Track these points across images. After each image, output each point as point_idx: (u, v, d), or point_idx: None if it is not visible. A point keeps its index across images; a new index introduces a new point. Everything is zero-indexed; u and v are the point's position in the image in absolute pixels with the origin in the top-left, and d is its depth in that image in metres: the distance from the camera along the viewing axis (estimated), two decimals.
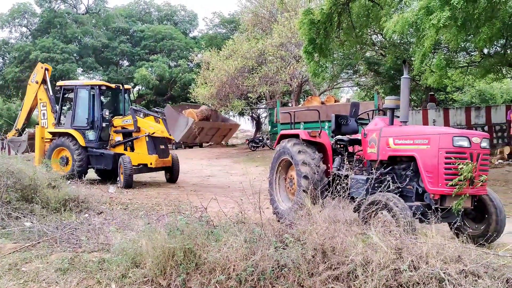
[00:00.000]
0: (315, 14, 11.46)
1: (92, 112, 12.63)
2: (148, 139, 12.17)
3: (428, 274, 3.33)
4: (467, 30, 8.84)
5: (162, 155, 12.37)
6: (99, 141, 12.55)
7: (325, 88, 29.54)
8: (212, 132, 12.38)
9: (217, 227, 4.53)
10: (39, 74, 13.90)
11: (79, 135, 12.39)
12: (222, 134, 12.92)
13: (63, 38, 31.94)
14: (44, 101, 13.76)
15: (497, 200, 5.49)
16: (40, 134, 13.24)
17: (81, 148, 12.25)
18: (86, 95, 12.73)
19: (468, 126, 17.74)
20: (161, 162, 12.24)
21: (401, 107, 5.96)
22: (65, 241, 5.41)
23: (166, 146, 12.84)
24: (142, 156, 12.19)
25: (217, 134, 12.70)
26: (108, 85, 13.24)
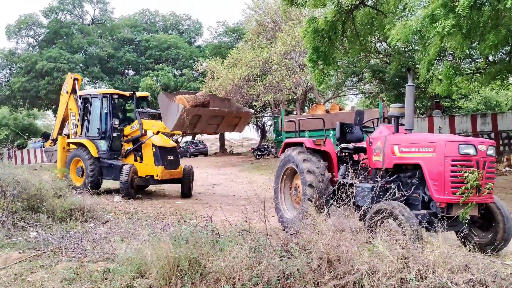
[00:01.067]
0: (319, 23, 11.50)
1: (103, 121, 12.31)
2: (155, 149, 11.66)
3: (435, 284, 3.30)
4: (472, 38, 8.84)
5: (169, 167, 11.71)
6: (110, 152, 12.15)
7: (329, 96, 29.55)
8: (216, 121, 10.51)
9: (222, 236, 4.51)
10: (69, 84, 13.85)
11: (92, 146, 12.07)
12: (230, 123, 10.98)
13: (69, 48, 32.21)
14: (73, 111, 13.67)
15: (504, 208, 5.45)
16: (61, 145, 13.26)
17: (93, 159, 11.91)
18: (98, 104, 12.47)
19: (474, 133, 17.65)
20: (168, 173, 11.60)
21: (406, 115, 5.94)
22: (70, 250, 5.41)
23: (176, 156, 12.22)
24: (149, 168, 11.70)
25: (223, 123, 10.73)
26: (121, 93, 12.90)
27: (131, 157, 12.18)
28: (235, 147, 45.19)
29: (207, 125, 10.35)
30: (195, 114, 9.65)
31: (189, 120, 9.50)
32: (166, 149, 11.83)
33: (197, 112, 9.76)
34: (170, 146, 12.04)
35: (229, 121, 10.85)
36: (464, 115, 19.92)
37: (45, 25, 33.65)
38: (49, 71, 29.39)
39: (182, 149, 35.34)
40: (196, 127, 10.12)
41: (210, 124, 10.45)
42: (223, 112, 10.65)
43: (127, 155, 12.17)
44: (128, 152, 12.16)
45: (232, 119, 10.88)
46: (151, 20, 40.78)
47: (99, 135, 12.22)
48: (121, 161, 11.96)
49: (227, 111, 10.83)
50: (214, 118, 10.36)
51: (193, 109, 9.59)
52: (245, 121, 11.29)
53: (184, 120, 9.41)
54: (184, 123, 9.51)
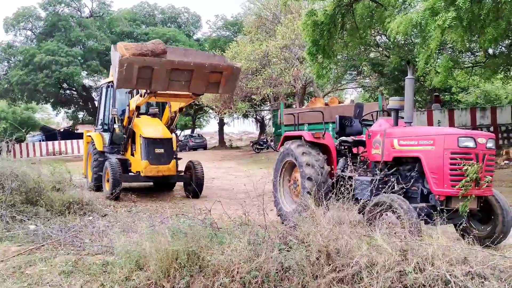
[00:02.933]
0: (318, 16, 11.44)
1: (106, 112, 11.31)
2: (142, 141, 10.04)
3: (434, 276, 3.30)
4: (472, 31, 8.80)
5: (155, 161, 9.94)
6: (110, 145, 11.04)
7: (329, 89, 29.50)
8: (183, 76, 8.19)
9: (220, 229, 4.51)
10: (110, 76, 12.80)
11: (99, 138, 11.15)
12: (206, 80, 8.52)
13: (68, 41, 32.06)
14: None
15: (503, 201, 5.45)
16: (86, 139, 12.30)
17: (98, 153, 10.93)
18: (104, 93, 11.59)
19: (473, 127, 17.64)
20: (154, 169, 9.87)
21: (405, 108, 5.93)
22: (69, 243, 5.42)
23: (168, 150, 10.30)
24: (137, 162, 10.23)
25: (196, 80, 8.36)
26: None
27: (129, 151, 10.89)
28: (234, 140, 45.23)
29: (169, 81, 8.22)
30: (143, 66, 7.78)
31: (136, 74, 7.77)
32: (155, 141, 10.12)
33: (145, 63, 7.83)
34: (161, 137, 10.28)
35: (204, 77, 8.52)
36: (463, 109, 19.91)
37: (43, 18, 33.46)
38: (48, 64, 29.24)
39: (181, 142, 35.33)
40: (153, 84, 8.11)
41: (175, 81, 8.29)
42: (188, 65, 8.24)
43: (126, 148, 10.88)
44: (125, 145, 10.84)
45: (208, 74, 8.52)
46: (150, 13, 40.58)
47: (102, 127, 11.42)
48: (119, 156, 10.73)
49: (194, 63, 8.34)
50: (177, 72, 8.19)
51: (136, 59, 7.76)
52: (230, 78, 8.81)
53: (127, 73, 7.69)
54: (130, 77, 7.78)
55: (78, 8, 35.73)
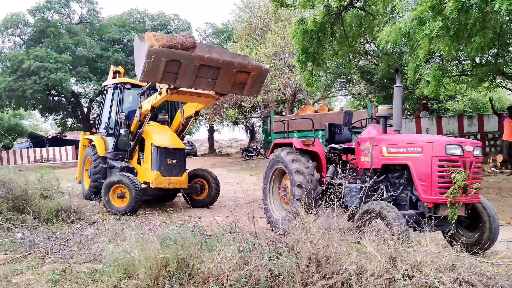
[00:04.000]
0: (308, 24, 11.54)
1: (111, 115, 10.67)
2: (153, 150, 9.53)
3: (423, 283, 3.32)
4: (459, 40, 8.92)
5: (168, 173, 9.45)
6: (114, 151, 10.33)
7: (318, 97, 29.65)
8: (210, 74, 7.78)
9: (210, 236, 4.50)
10: (110, 78, 12.26)
11: (101, 143, 10.48)
12: (233, 79, 8.10)
13: (56, 47, 31.86)
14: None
15: (491, 208, 5.50)
16: (82, 142, 11.76)
17: (99, 159, 10.31)
18: (110, 95, 10.86)
19: (461, 134, 17.83)
20: (165, 181, 9.34)
21: (394, 116, 5.98)
22: (56, 252, 5.36)
23: (180, 161, 9.81)
24: (146, 172, 9.64)
25: (222, 79, 7.91)
26: (136, 83, 10.79)
27: (135, 159, 10.25)
28: (224, 147, 45.15)
29: (196, 78, 7.78)
30: (171, 59, 7.37)
31: (163, 67, 7.36)
32: (168, 151, 9.62)
33: (174, 56, 7.40)
34: (175, 147, 9.79)
35: (231, 77, 8.13)
36: (451, 117, 20.14)
37: (32, 24, 33.27)
38: (36, 70, 29.02)
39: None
40: (178, 79, 7.66)
41: (201, 78, 7.86)
42: (217, 61, 7.84)
43: (132, 156, 10.22)
44: (131, 152, 10.17)
45: (236, 74, 8.14)
46: (140, 19, 40.49)
47: (106, 131, 10.67)
48: (124, 163, 10.07)
49: (223, 60, 7.97)
50: (205, 69, 7.77)
51: (164, 51, 7.34)
52: (257, 79, 8.45)
53: (154, 66, 7.26)
54: (156, 70, 7.34)
55: (67, 15, 35.57)
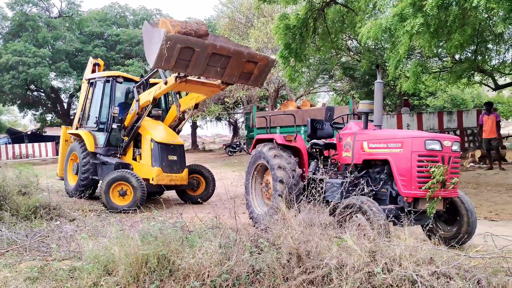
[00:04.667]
0: (290, 19, 11.56)
1: (103, 110, 10.30)
2: (154, 146, 9.40)
3: (401, 276, 3.36)
4: (439, 37, 9.04)
5: (169, 169, 9.37)
6: (106, 146, 10.04)
7: (301, 93, 29.75)
8: (220, 62, 7.67)
9: (191, 232, 4.48)
10: (88, 70, 11.95)
11: (90, 138, 10.12)
12: (241, 69, 8.09)
13: (35, 42, 31.27)
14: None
15: (468, 202, 5.60)
16: (63, 137, 11.39)
17: (88, 154, 9.98)
18: (101, 89, 10.47)
19: (440, 130, 18.11)
20: (166, 178, 9.25)
21: (374, 111, 6.02)
22: (35, 249, 5.28)
23: (181, 158, 9.73)
24: (146, 169, 9.45)
25: (231, 67, 7.89)
26: (128, 76, 10.73)
27: (129, 154, 10.04)
28: (207, 143, 45.01)
29: (207, 66, 7.71)
30: (186, 46, 7.26)
31: (177, 54, 7.25)
32: (168, 147, 9.50)
33: (189, 43, 7.30)
34: (175, 143, 9.69)
35: (240, 66, 8.11)
36: (431, 113, 20.42)
37: (10, 17, 32.58)
38: (14, 65, 28.43)
39: None
40: (189, 67, 7.56)
41: (212, 66, 7.79)
42: (229, 50, 7.85)
43: (125, 151, 10.00)
44: (125, 147, 9.94)
45: (245, 64, 8.13)
46: (121, 14, 39.99)
47: (97, 125, 10.27)
48: (118, 159, 9.83)
49: (234, 49, 8.00)
50: (216, 57, 7.71)
51: (180, 38, 7.26)
52: (263, 69, 8.49)
53: (169, 52, 7.14)
54: (170, 57, 7.20)
55: (46, 8, 34.90)
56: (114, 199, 8.95)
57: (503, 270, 3.60)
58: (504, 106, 29.62)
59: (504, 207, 8.53)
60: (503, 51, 13.76)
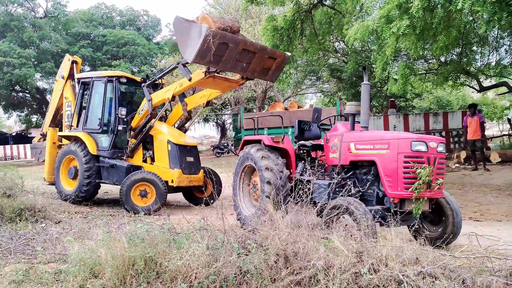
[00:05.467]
0: (278, 21, 11.58)
1: (107, 111, 10.04)
2: (171, 147, 9.35)
3: (388, 277, 3.38)
4: (425, 39, 9.13)
5: (188, 170, 9.37)
6: (112, 149, 9.89)
7: (289, 94, 29.83)
8: (246, 58, 7.86)
9: (179, 234, 4.46)
10: (66, 68, 11.46)
11: (91, 140, 9.88)
12: (262, 64, 8.29)
13: (20, 42, 30.93)
14: (69, 100, 11.25)
15: (454, 203, 5.67)
16: (51, 139, 10.94)
17: (91, 157, 9.76)
18: (101, 89, 10.18)
19: (426, 131, 18.29)
20: (186, 179, 9.23)
21: (361, 113, 6.05)
22: (19, 252, 5.22)
23: (196, 158, 9.79)
24: (163, 171, 9.34)
25: (255, 63, 8.10)
26: (131, 77, 10.59)
27: (138, 156, 9.90)
28: None
29: (235, 61, 7.86)
30: (222, 41, 7.37)
31: (214, 49, 7.29)
32: (185, 148, 9.53)
33: (225, 39, 7.41)
34: (190, 144, 9.77)
35: (262, 62, 8.31)
36: (418, 114, 20.61)
37: None
38: None
39: None
40: (222, 62, 7.67)
41: (239, 62, 7.94)
42: (256, 46, 8.13)
43: (133, 154, 9.92)
44: (134, 149, 9.88)
45: (266, 59, 8.36)
46: (108, 14, 39.73)
47: (100, 127, 9.99)
48: (128, 162, 9.77)
49: (260, 46, 8.36)
50: (245, 53, 7.88)
51: (220, 33, 7.34)
52: (280, 65, 8.76)
53: (209, 47, 7.20)
54: (209, 52, 7.26)
55: (31, 8, 34.51)
56: (135, 200, 8.94)
57: (488, 269, 3.64)
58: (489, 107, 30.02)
59: (489, 208, 8.66)
60: (487, 53, 13.94)
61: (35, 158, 12.47)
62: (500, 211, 8.37)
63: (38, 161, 12.21)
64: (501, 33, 12.34)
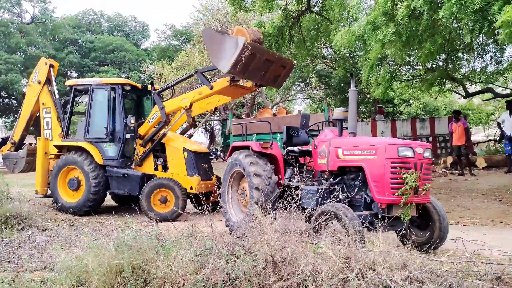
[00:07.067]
0: (266, 27, 11.66)
1: (112, 119, 9.82)
2: (188, 155, 9.36)
3: (375, 282, 3.40)
4: (411, 45, 9.25)
5: (205, 177, 9.45)
6: (121, 158, 9.70)
7: (278, 100, 29.91)
8: (264, 67, 8.16)
9: (167, 241, 4.44)
10: (42, 72, 10.97)
11: (95, 150, 9.69)
12: (274, 73, 8.60)
13: (7, 48, 30.68)
14: (48, 106, 10.79)
15: (440, 207, 5.72)
16: (42, 149, 10.25)
17: (98, 168, 9.58)
18: (104, 97, 9.93)
19: (413, 137, 18.44)
20: (204, 186, 9.21)
21: (349, 119, 6.10)
22: (5, 260, 5.15)
23: (210, 164, 9.90)
24: (179, 178, 9.23)
25: (270, 72, 8.41)
26: (134, 84, 10.35)
27: (149, 165, 9.74)
28: None
29: (256, 71, 8.14)
30: (252, 53, 7.60)
31: (245, 60, 7.56)
32: (200, 155, 9.63)
33: (257, 50, 7.67)
34: (204, 151, 10.00)
35: (275, 70, 8.61)
36: (405, 120, 20.78)
37: None
38: None
39: None
40: (247, 72, 7.90)
41: (259, 71, 8.22)
42: (275, 56, 8.53)
43: (142, 162, 9.77)
44: (144, 158, 9.74)
45: (278, 67, 8.66)
46: (96, 20, 39.64)
47: (107, 136, 9.74)
48: (138, 170, 9.67)
49: (277, 55, 8.76)
50: (265, 62, 8.18)
51: (253, 45, 7.60)
52: (287, 73, 9.14)
53: (243, 58, 7.47)
54: (240, 63, 7.52)
55: (18, 14, 34.28)
56: (156, 207, 8.96)
57: (474, 274, 3.68)
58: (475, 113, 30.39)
59: (475, 212, 8.75)
60: (473, 60, 14.15)
61: (9, 169, 11.53)
62: (486, 215, 8.46)
63: (13, 172, 11.46)
64: (486, 40, 12.54)
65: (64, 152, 10.05)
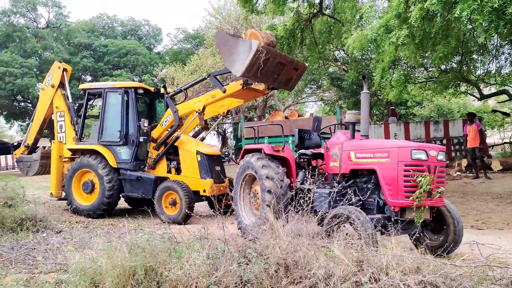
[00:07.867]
0: (278, 30, 11.67)
1: (126, 122, 9.89)
2: (201, 158, 9.43)
3: (388, 286, 3.38)
4: (424, 48, 9.18)
5: (218, 180, 9.47)
6: (134, 161, 9.79)
7: (289, 103, 29.89)
8: (277, 70, 8.16)
9: (179, 243, 4.46)
10: (56, 76, 11.18)
11: (109, 153, 9.79)
12: (287, 75, 8.59)
13: (23, 52, 31.13)
14: (61, 110, 10.98)
15: (455, 211, 5.66)
16: (57, 152, 10.43)
17: (112, 171, 9.69)
18: (118, 100, 10.02)
19: (427, 139, 18.28)
20: (217, 189, 9.26)
21: (361, 121, 6.07)
22: (20, 262, 5.22)
23: (222, 167, 9.92)
24: (192, 181, 9.33)
25: (282, 75, 8.40)
26: (147, 87, 10.41)
27: (162, 167, 9.83)
28: None
29: (269, 74, 8.15)
30: (266, 57, 7.62)
31: (259, 63, 7.56)
32: (213, 158, 9.69)
33: (270, 53, 7.69)
34: (217, 154, 10.04)
35: (287, 73, 8.60)
36: (418, 122, 20.62)
37: None
38: (1, 75, 28.24)
39: None
40: (261, 75, 7.87)
41: (271, 74, 8.22)
42: (287, 59, 8.48)
43: (155, 165, 9.87)
44: (157, 161, 9.84)
45: (291, 70, 8.65)
46: (109, 25, 40.02)
47: (120, 139, 9.82)
48: (152, 173, 9.75)
49: (290, 58, 8.70)
50: (278, 65, 8.19)
51: (267, 49, 7.60)
52: (300, 75, 9.08)
53: (255, 62, 7.47)
54: (254, 66, 7.51)
55: (34, 19, 34.77)
56: (166, 209, 9.04)
57: (489, 278, 3.64)
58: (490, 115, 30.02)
59: (490, 216, 8.64)
60: (488, 61, 14.00)
61: (23, 172, 11.81)
62: (501, 219, 8.35)
63: (27, 175, 11.74)
64: (501, 41, 12.39)
65: (78, 155, 10.18)
